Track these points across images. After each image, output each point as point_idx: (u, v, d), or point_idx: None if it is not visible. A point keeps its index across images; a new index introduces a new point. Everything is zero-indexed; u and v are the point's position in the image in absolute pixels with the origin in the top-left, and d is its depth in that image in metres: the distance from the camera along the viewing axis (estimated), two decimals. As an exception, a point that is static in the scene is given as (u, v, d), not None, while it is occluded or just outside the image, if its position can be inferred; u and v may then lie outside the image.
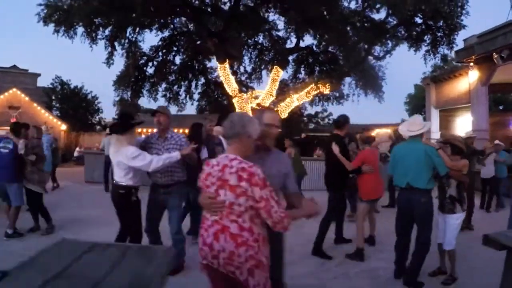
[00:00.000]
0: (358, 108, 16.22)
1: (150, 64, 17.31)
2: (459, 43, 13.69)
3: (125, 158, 3.73)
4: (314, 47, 17.55)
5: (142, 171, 3.97)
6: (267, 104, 16.26)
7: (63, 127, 17.28)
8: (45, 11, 13.30)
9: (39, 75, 18.86)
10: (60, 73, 44.50)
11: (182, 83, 18.89)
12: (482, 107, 12.58)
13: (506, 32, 10.87)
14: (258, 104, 16.00)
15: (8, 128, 17.11)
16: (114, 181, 3.96)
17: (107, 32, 14.80)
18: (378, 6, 12.75)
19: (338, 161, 4.98)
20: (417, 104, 23.70)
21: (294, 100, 15.36)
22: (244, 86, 18.22)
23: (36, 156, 5.68)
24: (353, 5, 13.90)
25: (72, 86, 23.75)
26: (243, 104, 15.37)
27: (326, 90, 14.97)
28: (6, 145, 5.66)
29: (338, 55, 17.26)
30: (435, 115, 14.92)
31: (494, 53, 11.23)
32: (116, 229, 6.01)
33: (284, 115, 15.70)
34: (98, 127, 24.41)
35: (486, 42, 11.67)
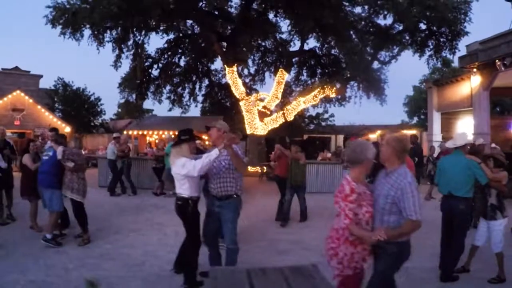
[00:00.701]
0: (357, 108, 16.57)
1: (155, 66, 17.40)
2: (461, 48, 14.24)
3: (177, 168, 3.99)
4: (317, 50, 17.86)
5: (198, 182, 4.16)
6: (272, 107, 16.53)
7: (67, 129, 17.21)
8: (53, 13, 13.30)
9: (41, 76, 18.70)
10: (61, 75, 43.76)
11: (186, 85, 19.01)
12: (483, 111, 13.04)
13: (509, 41, 11.28)
14: (264, 107, 16.25)
15: (12, 131, 16.99)
16: (173, 192, 4.22)
17: (114, 34, 14.87)
18: (385, 12, 13.11)
19: None
20: (415, 105, 24.27)
21: (301, 103, 15.65)
22: (247, 89, 18.44)
23: (75, 163, 5.73)
24: (359, 11, 14.21)
25: (74, 88, 23.63)
26: (250, 107, 15.59)
27: (333, 94, 15.30)
28: (48, 152, 5.90)
29: (340, 58, 17.62)
30: (436, 117, 15.39)
31: (497, 60, 11.66)
32: (144, 236, 6.35)
33: (290, 117, 15.99)
34: (101, 129, 24.31)
35: (490, 49, 12.09)
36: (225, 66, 14.98)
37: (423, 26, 13.85)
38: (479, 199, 4.54)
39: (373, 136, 21.13)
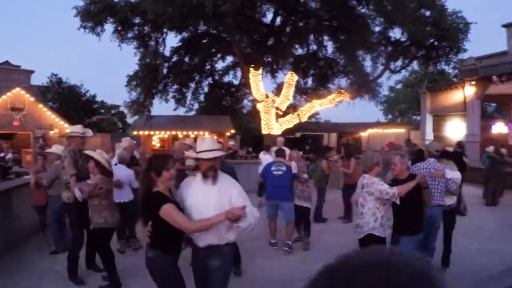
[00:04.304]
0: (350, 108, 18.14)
1: (166, 65, 17.11)
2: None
3: None
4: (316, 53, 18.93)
5: None
6: (284, 108, 17.38)
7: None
8: (87, 4, 13.02)
9: (32, 72, 17.07)
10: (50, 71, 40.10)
11: (190, 83, 18.98)
12: (476, 117, 15.38)
13: (508, 62, 13.42)
14: (277, 108, 17.05)
15: (6, 132, 15.57)
16: None
17: (139, 31, 14.67)
18: (400, 30, 14.63)
19: None
20: (392, 104, 26.67)
21: (316, 106, 16.72)
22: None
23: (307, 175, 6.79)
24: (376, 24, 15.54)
25: (69, 85, 21.74)
26: (268, 108, 16.28)
27: (347, 98, 16.60)
28: (279, 167, 6.29)
29: (336, 60, 18.97)
30: (429, 119, 17.57)
31: (494, 77, 13.83)
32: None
33: (304, 118, 17.05)
34: (94, 128, 22.82)
35: (489, 67, 14.17)
36: (251, 68, 15.40)
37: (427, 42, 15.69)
38: None
39: (364, 134, 23.04)
